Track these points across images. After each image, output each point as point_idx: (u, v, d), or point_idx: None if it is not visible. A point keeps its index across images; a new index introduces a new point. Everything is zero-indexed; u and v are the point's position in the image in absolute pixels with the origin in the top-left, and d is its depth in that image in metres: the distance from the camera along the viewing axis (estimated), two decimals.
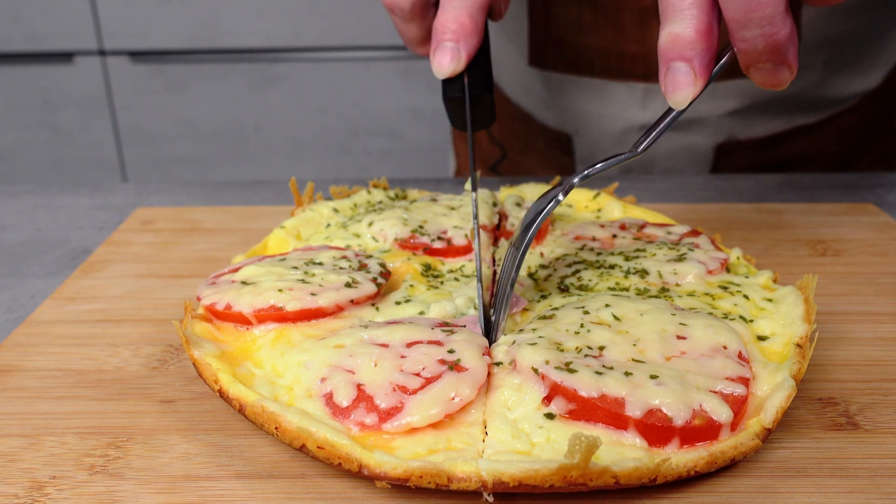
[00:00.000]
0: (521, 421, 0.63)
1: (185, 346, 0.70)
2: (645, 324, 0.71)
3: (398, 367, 0.66)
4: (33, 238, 1.13)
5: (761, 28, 0.64)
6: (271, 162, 3.06)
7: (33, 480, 0.64)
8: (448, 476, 0.58)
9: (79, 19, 2.83)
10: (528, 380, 0.66)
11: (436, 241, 0.91)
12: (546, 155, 1.47)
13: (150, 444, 0.68)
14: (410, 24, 0.89)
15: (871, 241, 1.06)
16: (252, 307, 0.75)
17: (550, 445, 0.61)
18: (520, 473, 0.56)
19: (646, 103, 1.30)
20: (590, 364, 0.65)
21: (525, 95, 1.43)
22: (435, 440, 0.62)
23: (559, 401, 0.64)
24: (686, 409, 0.61)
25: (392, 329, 0.71)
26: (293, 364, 0.69)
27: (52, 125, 3.03)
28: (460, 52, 0.80)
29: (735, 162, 1.38)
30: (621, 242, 0.93)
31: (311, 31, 2.84)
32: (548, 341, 0.69)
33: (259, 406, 0.64)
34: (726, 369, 0.66)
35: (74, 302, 0.93)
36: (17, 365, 0.80)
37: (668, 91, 0.67)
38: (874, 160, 1.47)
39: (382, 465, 0.58)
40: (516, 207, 1.00)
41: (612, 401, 0.62)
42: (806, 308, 0.77)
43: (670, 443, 0.61)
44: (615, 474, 0.57)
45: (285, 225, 0.98)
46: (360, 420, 0.63)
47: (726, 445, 0.62)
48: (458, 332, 0.71)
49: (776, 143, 1.36)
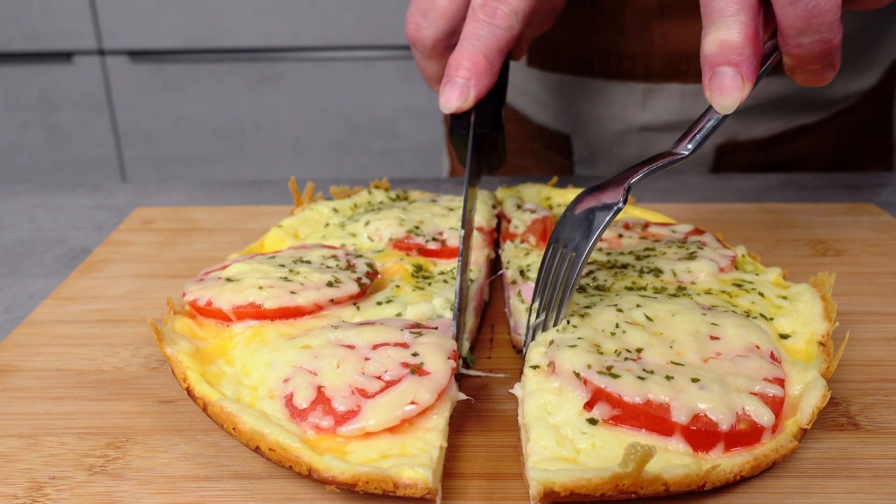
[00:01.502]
0: (564, 426, 0.62)
1: (158, 342, 0.70)
2: (678, 324, 0.71)
3: (360, 369, 0.66)
4: (32, 238, 1.13)
5: (819, 34, 0.64)
6: (271, 161, 3.06)
7: (32, 481, 0.64)
8: (394, 482, 0.57)
9: (78, 19, 2.83)
10: (569, 383, 0.64)
11: (430, 242, 0.91)
12: (543, 156, 1.47)
13: (149, 444, 0.68)
14: (430, 61, 0.90)
15: (872, 240, 1.06)
16: (231, 304, 0.75)
17: (596, 452, 0.60)
18: (571, 483, 0.55)
19: (645, 104, 1.29)
20: (631, 368, 0.64)
21: (522, 96, 1.42)
22: (390, 445, 0.61)
23: (602, 406, 0.62)
24: (730, 414, 0.60)
25: (361, 330, 0.71)
26: (260, 363, 0.69)
27: (51, 125, 3.03)
28: (470, 89, 0.81)
29: (736, 162, 1.38)
30: (628, 242, 0.93)
31: (311, 30, 2.84)
32: (587, 343, 0.68)
33: (218, 406, 0.64)
34: (762, 370, 0.66)
35: (73, 302, 0.92)
36: (16, 365, 0.80)
37: (713, 95, 0.67)
38: (872, 160, 1.47)
39: (331, 469, 0.58)
40: (517, 209, 1.00)
41: (657, 406, 0.61)
42: (824, 306, 0.77)
43: (715, 448, 0.60)
44: (666, 482, 0.56)
45: (283, 224, 0.98)
46: (317, 423, 0.62)
47: (768, 448, 0.61)
48: (426, 335, 0.70)
49: (776, 144, 1.36)
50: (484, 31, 0.81)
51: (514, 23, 0.81)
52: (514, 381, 0.77)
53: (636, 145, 1.35)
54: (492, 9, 0.81)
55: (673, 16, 1.20)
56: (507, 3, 0.81)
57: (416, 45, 0.89)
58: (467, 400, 0.74)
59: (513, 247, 0.93)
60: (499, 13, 0.81)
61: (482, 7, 0.81)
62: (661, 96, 1.28)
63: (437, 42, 0.87)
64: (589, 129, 1.37)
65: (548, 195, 1.09)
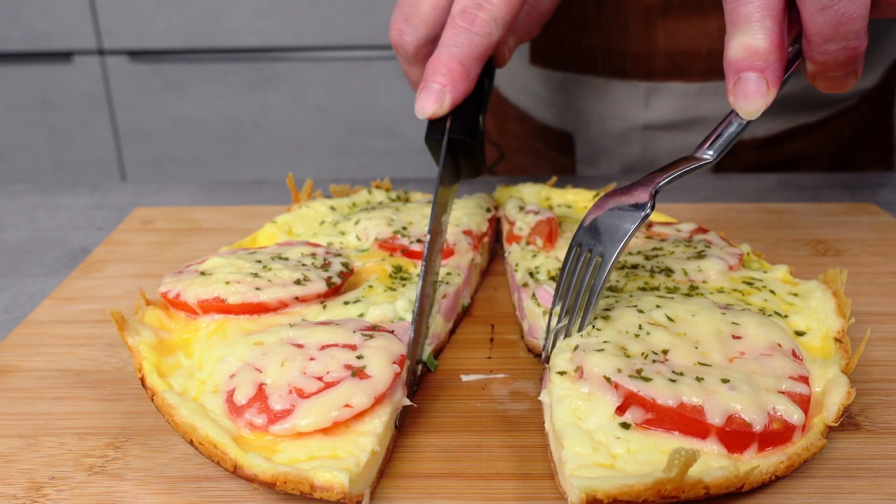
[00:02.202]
0: (597, 432, 0.61)
1: (120, 331, 0.71)
2: (699, 324, 0.71)
3: (303, 369, 0.66)
4: (32, 238, 1.13)
5: (847, 41, 0.64)
6: (270, 161, 3.06)
7: (32, 481, 0.64)
8: (311, 484, 0.57)
9: (78, 19, 2.83)
10: (599, 388, 0.64)
11: (414, 243, 0.90)
12: (545, 155, 1.47)
13: (149, 444, 0.68)
14: (414, 67, 0.90)
15: (873, 240, 1.06)
16: (197, 297, 0.76)
17: (633, 457, 0.59)
18: (614, 490, 0.54)
19: (648, 103, 1.29)
20: (660, 370, 0.64)
21: (524, 95, 1.42)
22: (320, 447, 0.61)
23: (635, 410, 0.62)
24: (762, 414, 0.60)
25: (314, 330, 0.71)
26: (213, 358, 0.70)
27: (50, 125, 3.03)
28: (445, 95, 0.80)
29: (737, 161, 1.38)
30: (634, 241, 0.93)
31: (311, 30, 2.83)
32: (613, 346, 0.67)
33: (161, 397, 0.65)
34: (786, 368, 0.66)
35: (73, 302, 0.92)
36: (16, 365, 0.80)
37: (738, 101, 0.67)
38: (872, 159, 1.47)
39: (253, 467, 0.58)
40: (519, 211, 0.99)
41: (691, 409, 0.60)
42: (837, 302, 0.77)
43: (749, 448, 0.60)
44: (707, 485, 0.56)
45: (277, 220, 0.99)
46: (251, 420, 0.62)
47: (799, 447, 0.61)
48: (377, 338, 0.70)
49: (777, 143, 1.36)
50: (462, 38, 0.80)
51: (492, 30, 0.81)
52: (513, 380, 0.77)
53: (639, 144, 1.35)
54: (471, 15, 0.80)
55: (676, 14, 1.20)
56: (487, 10, 0.80)
57: (399, 51, 0.89)
58: (464, 401, 0.74)
59: (519, 249, 0.92)
60: (478, 20, 0.80)
61: (461, 13, 0.81)
62: (664, 95, 1.28)
63: (420, 48, 0.87)
64: (591, 128, 1.37)
65: (548, 195, 1.09)
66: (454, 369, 0.79)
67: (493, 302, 0.93)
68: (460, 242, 0.91)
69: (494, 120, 1.52)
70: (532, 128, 1.45)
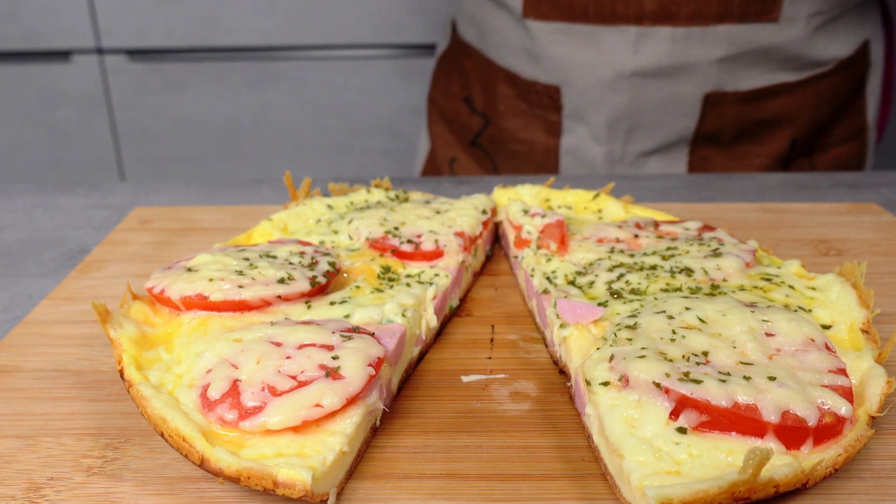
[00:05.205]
0: (655, 439, 0.60)
1: (102, 324, 0.71)
2: (731, 324, 0.70)
3: (278, 367, 0.66)
4: (30, 238, 1.12)
5: None
6: (270, 161, 3.05)
7: (30, 482, 0.64)
8: (273, 480, 0.57)
9: (76, 17, 2.82)
10: (648, 395, 0.63)
11: (404, 244, 0.90)
12: (532, 115, 1.49)
13: (147, 445, 0.68)
14: None
15: (874, 240, 1.06)
16: (180, 294, 0.76)
17: (697, 462, 0.59)
18: (690, 496, 0.54)
19: (637, 48, 1.34)
20: (707, 372, 0.63)
21: (514, 54, 1.46)
22: (288, 444, 0.61)
23: (689, 414, 0.61)
24: (813, 408, 0.60)
25: (294, 329, 0.71)
26: (192, 353, 0.70)
27: (49, 124, 3.02)
28: None
29: (721, 114, 1.41)
30: (647, 241, 0.92)
31: (310, 29, 2.83)
32: (652, 352, 0.66)
33: (136, 389, 0.65)
34: (824, 362, 0.66)
35: (72, 302, 0.92)
36: (14, 365, 0.79)
37: None
38: (846, 135, 1.52)
39: (219, 461, 0.58)
40: (525, 215, 0.97)
41: (746, 408, 0.60)
42: (858, 293, 0.77)
43: (805, 443, 0.60)
44: (777, 483, 0.56)
45: (273, 217, 0.98)
46: (222, 415, 0.63)
47: (852, 439, 0.61)
48: (354, 340, 0.69)
49: (759, 98, 1.41)
50: None
51: None
52: (513, 381, 0.77)
53: (626, 92, 1.39)
54: None
55: None
56: None
57: None
58: (464, 401, 0.73)
59: (531, 253, 0.91)
60: None
61: None
62: (653, 40, 1.33)
63: None
64: (581, 78, 1.40)
65: (547, 196, 1.09)
66: (454, 370, 0.79)
67: (494, 302, 0.93)
68: (450, 244, 0.90)
69: (482, 87, 1.55)
70: (521, 88, 1.48)
